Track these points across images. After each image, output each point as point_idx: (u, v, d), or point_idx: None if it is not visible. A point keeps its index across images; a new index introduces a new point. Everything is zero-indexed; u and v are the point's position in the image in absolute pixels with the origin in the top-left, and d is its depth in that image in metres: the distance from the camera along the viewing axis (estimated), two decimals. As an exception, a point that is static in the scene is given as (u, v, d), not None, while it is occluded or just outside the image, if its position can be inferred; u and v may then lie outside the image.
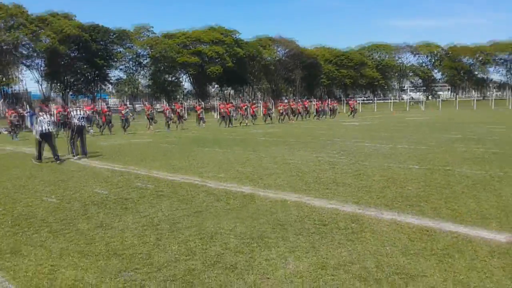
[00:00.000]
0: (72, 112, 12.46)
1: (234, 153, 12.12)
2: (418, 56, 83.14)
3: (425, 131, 18.46)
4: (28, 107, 34.25)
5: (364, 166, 9.19)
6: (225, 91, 77.66)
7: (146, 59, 60.11)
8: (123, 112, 23.14)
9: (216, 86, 76.82)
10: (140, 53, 59.22)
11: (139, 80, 61.98)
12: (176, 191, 7.06)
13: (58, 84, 57.95)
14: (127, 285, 3.53)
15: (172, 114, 24.78)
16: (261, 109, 33.87)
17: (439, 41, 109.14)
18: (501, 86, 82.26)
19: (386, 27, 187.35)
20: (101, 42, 55.74)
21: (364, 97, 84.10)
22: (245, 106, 30.12)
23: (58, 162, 11.08)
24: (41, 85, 57.05)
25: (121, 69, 60.89)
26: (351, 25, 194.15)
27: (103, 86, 64.03)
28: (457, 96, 77.84)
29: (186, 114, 26.56)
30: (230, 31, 63.01)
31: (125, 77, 60.39)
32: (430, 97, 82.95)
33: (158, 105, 51.76)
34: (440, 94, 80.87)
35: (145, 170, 9.39)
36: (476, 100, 62.26)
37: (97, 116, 23.40)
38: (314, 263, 3.88)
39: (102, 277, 3.70)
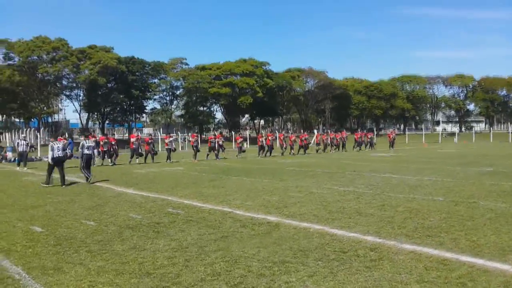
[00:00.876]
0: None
1: (262, 183, 12.45)
2: (451, 88, 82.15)
3: (454, 164, 18.30)
4: (67, 135, 35.83)
5: (389, 197, 9.33)
6: (256, 122, 78.78)
7: (179, 90, 62.04)
8: (167, 141, 22.95)
9: (246, 116, 78.10)
10: (174, 84, 61.24)
11: (173, 110, 63.86)
12: (204, 217, 7.44)
13: (96, 114, 60.40)
14: (158, 301, 3.87)
15: (221, 142, 24.44)
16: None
17: (472, 72, 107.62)
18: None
19: (417, 59, 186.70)
20: (137, 74, 58.13)
21: (396, 128, 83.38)
22: (293, 138, 29.73)
23: (63, 186, 12.30)
24: (80, 114, 59.59)
25: (155, 100, 63.05)
26: (383, 57, 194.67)
27: (138, 116, 66.24)
28: (492, 128, 75.99)
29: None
30: (260, 63, 64.44)
31: (159, 107, 62.38)
32: (463, 129, 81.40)
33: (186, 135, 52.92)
34: (474, 126, 79.18)
35: (176, 197, 9.85)
36: (512, 133, 60.64)
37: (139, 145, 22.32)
38: (331, 287, 4.12)
39: (135, 293, 4.05)
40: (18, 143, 20.09)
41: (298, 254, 5.20)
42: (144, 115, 67.64)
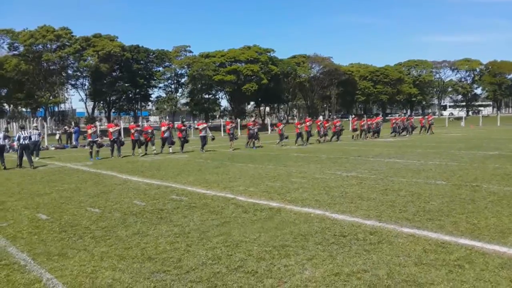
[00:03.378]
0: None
1: (266, 169, 12.50)
2: (457, 72, 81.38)
3: (460, 148, 18.23)
4: (73, 124, 36.06)
5: (391, 182, 9.35)
6: (261, 109, 78.65)
7: (184, 78, 62.01)
8: (200, 128, 21.30)
9: (252, 103, 77.99)
10: (178, 72, 61.19)
11: (178, 98, 63.92)
12: (207, 203, 7.52)
13: (102, 103, 60.62)
14: (158, 285, 3.95)
15: (256, 130, 22.53)
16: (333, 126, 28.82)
17: (479, 57, 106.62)
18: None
19: (424, 44, 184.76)
20: (142, 62, 58.13)
21: (402, 113, 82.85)
22: (328, 124, 27.20)
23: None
24: (85, 103, 59.84)
25: (160, 88, 63.11)
26: (388, 42, 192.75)
27: (144, 104, 66.38)
28: (499, 112, 75.33)
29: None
30: (265, 50, 64.08)
31: (164, 95, 62.44)
32: (471, 113, 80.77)
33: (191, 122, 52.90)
34: (481, 110, 78.51)
35: (180, 184, 9.94)
36: (520, 116, 60.12)
37: (171, 133, 20.65)
38: (329, 270, 4.18)
39: (136, 278, 4.14)
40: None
41: (298, 238, 5.26)
42: (149, 103, 67.74)
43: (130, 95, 60.63)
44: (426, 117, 35.20)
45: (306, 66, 70.87)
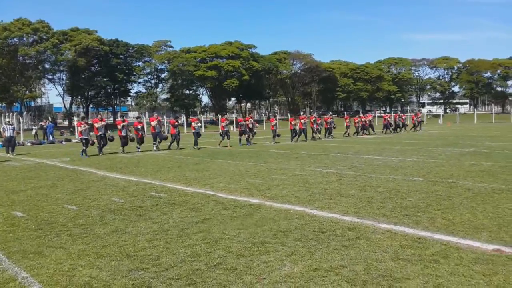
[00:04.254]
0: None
1: (246, 165, 12.51)
2: (436, 70, 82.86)
3: (437, 145, 18.57)
4: (49, 119, 35.41)
5: (370, 178, 9.47)
6: (242, 105, 78.59)
7: (164, 73, 61.44)
8: (193, 125, 20.57)
9: (233, 99, 77.86)
10: (158, 67, 60.59)
11: (158, 93, 63.32)
12: (187, 200, 7.49)
13: (80, 98, 59.62)
14: (136, 282, 3.92)
15: (251, 126, 21.97)
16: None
17: (458, 55, 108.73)
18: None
19: (403, 42, 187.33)
20: (121, 56, 57.29)
21: (382, 110, 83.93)
22: (329, 119, 26.97)
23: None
24: (63, 98, 58.75)
25: (140, 83, 62.40)
26: (369, 40, 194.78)
27: (123, 100, 65.54)
28: (476, 110, 77.02)
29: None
30: (246, 46, 63.98)
31: (144, 90, 61.78)
32: (448, 111, 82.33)
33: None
34: (459, 108, 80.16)
35: (159, 181, 9.87)
36: (496, 114, 61.64)
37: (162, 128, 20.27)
38: (308, 266, 4.21)
39: (114, 275, 4.09)
40: (3, 128, 19.35)
41: (278, 234, 5.29)
42: (129, 98, 66.93)
43: (109, 90, 59.76)
44: (416, 114, 35.71)
45: (287, 63, 71.07)
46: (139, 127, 18.99)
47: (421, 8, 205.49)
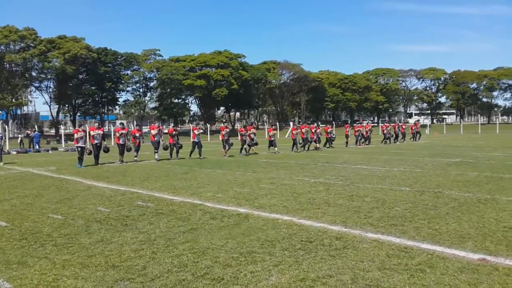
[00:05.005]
0: None
1: (234, 175, 12.49)
2: (423, 81, 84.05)
3: (424, 155, 18.76)
4: (36, 128, 35.02)
5: (357, 188, 9.52)
6: (231, 114, 78.65)
7: (153, 82, 61.34)
8: (223, 133, 20.01)
9: (222, 109, 77.94)
10: (147, 76, 60.49)
11: (146, 102, 63.12)
12: (174, 210, 7.44)
13: (67, 106, 59.15)
14: (122, 293, 3.87)
15: (253, 136, 21.61)
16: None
17: (444, 66, 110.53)
18: (506, 111, 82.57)
19: (391, 53, 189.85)
20: (109, 65, 57.05)
21: (369, 120, 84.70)
22: (329, 129, 27.15)
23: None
24: (50, 106, 58.21)
25: (128, 91, 62.21)
26: (357, 50, 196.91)
27: (111, 108, 65.17)
28: (462, 120, 78.13)
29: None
30: (236, 55, 64.25)
31: (132, 99, 61.53)
32: (435, 121, 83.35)
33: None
34: (445, 118, 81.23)
35: (147, 190, 9.80)
36: (482, 124, 62.52)
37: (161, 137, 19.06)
38: (295, 276, 4.20)
39: (99, 286, 4.04)
40: None
41: (266, 244, 5.27)
42: (117, 107, 66.60)
43: (97, 99, 59.43)
44: (415, 124, 35.63)
45: (276, 72, 71.52)
46: (137, 135, 18.45)
47: (408, 20, 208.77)
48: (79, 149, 16.16)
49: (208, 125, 47.51)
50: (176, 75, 56.51)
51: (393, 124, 33.68)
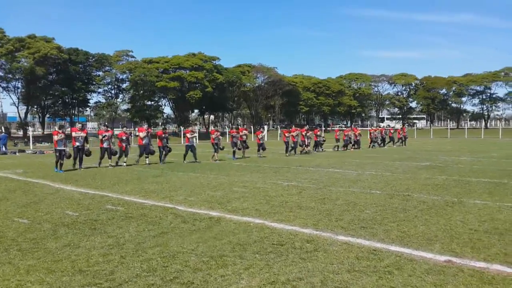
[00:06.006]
0: None
1: (207, 178, 12.41)
2: (394, 86, 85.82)
3: (395, 159, 19.10)
4: (3, 129, 33.99)
5: (329, 191, 9.60)
6: (205, 117, 78.30)
7: (125, 83, 60.42)
8: (188, 136, 18.79)
9: (196, 111, 77.47)
10: (119, 77, 59.53)
11: (118, 104, 62.12)
12: (145, 214, 7.32)
13: (35, 107, 57.59)
14: (89, 299, 3.78)
15: (245, 138, 20.97)
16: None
17: (415, 72, 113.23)
18: (474, 117, 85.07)
19: (364, 58, 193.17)
20: (80, 65, 55.84)
21: (343, 124, 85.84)
22: (318, 132, 26.53)
23: None
24: (18, 107, 56.54)
25: (99, 93, 61.05)
26: (331, 55, 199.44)
27: (81, 110, 63.85)
28: (432, 125, 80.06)
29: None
30: (210, 58, 64.04)
31: (104, 101, 60.44)
32: (406, 126, 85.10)
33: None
34: (416, 123, 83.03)
35: (117, 194, 9.62)
36: (451, 129, 64.22)
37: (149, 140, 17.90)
38: (265, 279, 4.19)
39: (65, 292, 3.93)
40: None
41: (237, 248, 5.25)
42: (87, 108, 65.26)
43: (67, 100, 58.04)
44: (402, 128, 35.73)
45: (251, 76, 71.64)
46: (124, 137, 17.25)
47: (380, 26, 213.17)
48: (57, 153, 14.99)
49: (182, 128, 47.03)
50: (149, 76, 55.81)
51: (380, 128, 33.72)
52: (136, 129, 19.63)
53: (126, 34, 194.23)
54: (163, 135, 18.23)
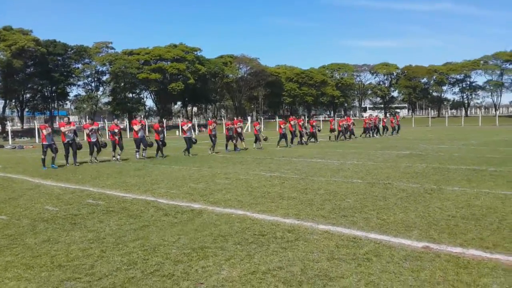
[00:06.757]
0: None
1: (190, 170, 12.38)
2: (376, 75, 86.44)
3: (377, 148, 19.32)
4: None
5: (312, 181, 9.67)
6: (188, 109, 77.82)
7: (105, 76, 59.56)
8: (184, 128, 18.40)
9: (179, 103, 76.95)
10: (99, 69, 58.63)
11: (99, 97, 61.25)
12: (126, 207, 7.28)
13: (14, 101, 56.42)
14: (68, 293, 3.75)
15: (240, 130, 20.59)
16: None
17: (396, 61, 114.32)
18: (455, 105, 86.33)
19: (346, 48, 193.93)
20: (59, 58, 54.75)
21: (326, 114, 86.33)
22: (314, 123, 25.49)
23: None
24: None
25: (79, 86, 60.10)
26: (313, 45, 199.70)
27: (61, 103, 62.80)
28: (414, 114, 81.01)
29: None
30: (192, 49, 63.49)
31: (84, 94, 59.53)
32: (388, 115, 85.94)
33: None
34: (398, 112, 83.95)
35: (98, 188, 9.53)
36: (432, 118, 65.12)
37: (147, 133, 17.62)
38: (246, 269, 4.22)
39: (44, 287, 3.90)
40: None
41: (218, 239, 5.26)
42: (67, 102, 64.20)
43: (46, 93, 57.00)
44: (396, 117, 35.49)
45: (233, 67, 71.34)
46: (116, 131, 16.44)
47: (361, 16, 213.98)
48: (45, 149, 14.32)
49: (165, 120, 46.68)
50: (130, 68, 55.14)
51: (374, 118, 33.15)
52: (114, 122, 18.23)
53: (105, 25, 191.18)
54: (160, 129, 17.59)
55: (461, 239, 5.02)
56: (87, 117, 50.93)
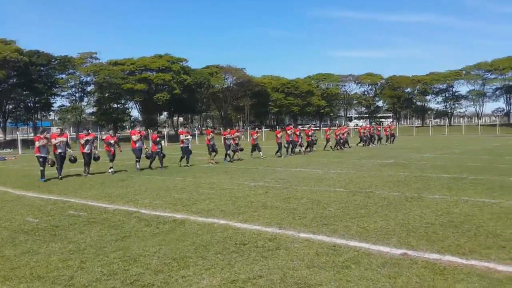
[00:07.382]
0: None
1: (174, 181, 12.35)
2: (361, 85, 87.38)
3: (361, 157, 19.51)
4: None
5: (295, 190, 9.74)
6: (174, 119, 77.58)
7: (90, 86, 59.11)
8: (182, 138, 18.03)
9: (165, 114, 76.65)
10: (84, 80, 58.15)
11: (84, 107, 60.71)
12: (108, 218, 7.24)
13: (-5, 112, 55.55)
14: (46, 305, 3.73)
15: (238, 140, 20.31)
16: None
17: (381, 72, 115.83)
18: (438, 114, 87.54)
19: (331, 58, 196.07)
20: (42, 68, 54.11)
21: (312, 124, 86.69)
22: (311, 132, 25.23)
23: None
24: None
25: (63, 96, 59.46)
26: (299, 56, 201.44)
27: (45, 114, 62.06)
28: (399, 123, 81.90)
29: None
30: (177, 59, 63.47)
31: (68, 104, 58.95)
32: (373, 125, 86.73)
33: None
34: (383, 122, 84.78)
35: (80, 199, 9.46)
36: (416, 127, 65.96)
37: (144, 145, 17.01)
38: (226, 278, 4.24)
39: (21, 299, 3.87)
40: None
41: (200, 249, 5.28)
42: (51, 113, 63.47)
43: (29, 104, 56.24)
44: (389, 126, 35.75)
45: (219, 77, 71.43)
46: (112, 141, 16.02)
47: (346, 27, 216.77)
48: (41, 159, 13.64)
49: (149, 131, 46.41)
50: (115, 79, 54.77)
51: (368, 127, 33.36)
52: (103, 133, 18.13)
53: (89, 36, 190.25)
54: (158, 139, 17.05)
55: (439, 246, 5.12)
56: (71, 127, 50.41)
